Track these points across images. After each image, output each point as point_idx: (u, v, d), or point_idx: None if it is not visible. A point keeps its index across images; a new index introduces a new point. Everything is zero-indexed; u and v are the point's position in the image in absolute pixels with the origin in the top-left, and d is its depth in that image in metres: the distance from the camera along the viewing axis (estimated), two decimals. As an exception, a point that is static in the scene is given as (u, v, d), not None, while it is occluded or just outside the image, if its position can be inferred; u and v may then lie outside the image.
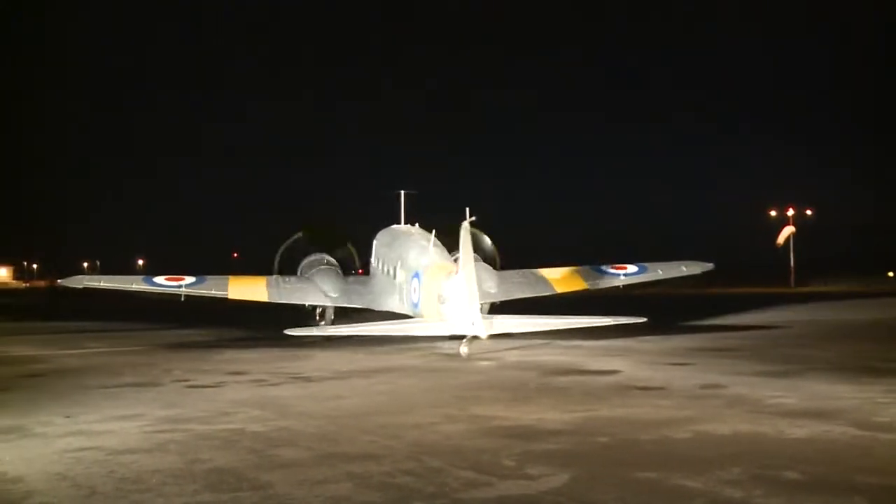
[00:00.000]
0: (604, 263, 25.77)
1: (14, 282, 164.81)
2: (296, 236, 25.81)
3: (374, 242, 24.98)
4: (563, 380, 14.89)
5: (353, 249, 26.08)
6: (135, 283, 22.99)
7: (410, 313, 20.96)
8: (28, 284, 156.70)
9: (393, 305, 22.31)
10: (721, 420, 10.61)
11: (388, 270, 22.81)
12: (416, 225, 24.75)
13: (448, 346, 21.57)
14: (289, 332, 19.08)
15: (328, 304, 24.10)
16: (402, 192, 25.22)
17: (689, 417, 10.83)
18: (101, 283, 23.26)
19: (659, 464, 8.30)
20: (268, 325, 26.33)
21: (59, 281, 23.30)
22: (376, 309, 23.38)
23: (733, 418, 10.73)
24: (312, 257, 25.29)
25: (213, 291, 22.83)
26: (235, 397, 12.99)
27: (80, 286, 22.91)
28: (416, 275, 20.46)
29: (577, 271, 24.82)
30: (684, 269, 27.38)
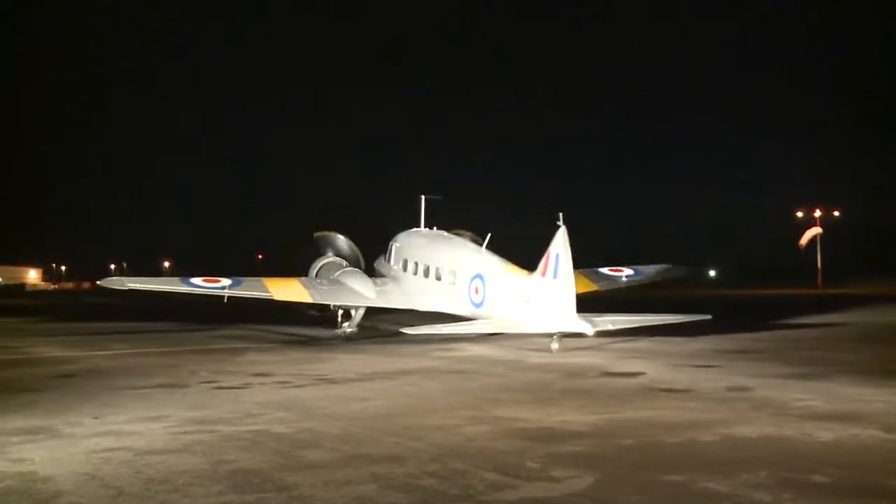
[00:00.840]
0: (601, 266, 26.34)
1: (43, 283, 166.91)
2: (317, 237, 26.21)
3: (396, 245, 25.20)
4: (587, 382, 14.83)
5: (358, 251, 26.35)
6: (175, 285, 23.27)
7: (468, 313, 21.77)
8: (56, 286, 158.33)
9: (438, 306, 23.04)
10: (748, 423, 10.52)
11: (427, 272, 23.54)
12: (435, 228, 25.05)
13: (472, 349, 21.58)
14: (405, 330, 20.24)
15: (365, 304, 24.49)
16: (424, 196, 25.68)
17: (715, 420, 10.74)
18: (144, 285, 23.61)
19: (684, 467, 8.23)
20: (285, 327, 26.50)
21: (99, 282, 23.78)
22: (420, 309, 23.91)
23: (760, 421, 10.63)
24: (327, 260, 25.60)
25: (255, 293, 23.28)
26: (261, 399, 13.05)
27: (124, 287, 23.11)
28: (479, 276, 21.40)
29: (583, 273, 25.03)
30: (674, 271, 27.99)
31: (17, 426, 10.74)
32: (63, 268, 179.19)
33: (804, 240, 79.13)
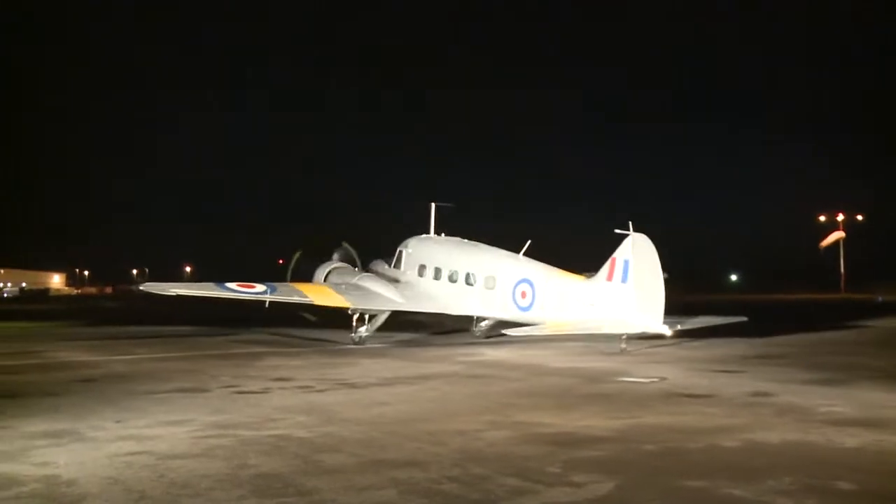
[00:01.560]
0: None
1: (66, 288, 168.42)
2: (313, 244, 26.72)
3: (408, 251, 25.58)
4: (608, 386, 14.77)
5: (356, 256, 26.89)
6: (214, 291, 23.37)
7: (511, 317, 22.64)
8: (79, 291, 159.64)
9: (472, 310, 24.06)
10: (771, 428, 10.43)
11: (452, 276, 24.26)
12: (443, 234, 25.96)
13: (492, 354, 21.56)
14: (508, 332, 21.03)
15: (397, 308, 24.90)
16: (434, 204, 26.15)
17: (737, 425, 10.66)
18: (186, 291, 23.80)
19: (707, 472, 8.17)
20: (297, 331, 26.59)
21: (140, 286, 24.26)
22: (452, 313, 24.56)
23: (783, 427, 10.54)
24: (335, 265, 25.78)
25: (295, 298, 23.75)
26: (282, 403, 13.09)
27: (169, 293, 23.31)
28: (525, 281, 22.29)
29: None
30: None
31: (41, 430, 10.83)
32: (86, 273, 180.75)
33: (826, 242, 78.47)
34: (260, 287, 23.26)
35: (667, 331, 19.84)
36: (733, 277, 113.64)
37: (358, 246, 27.28)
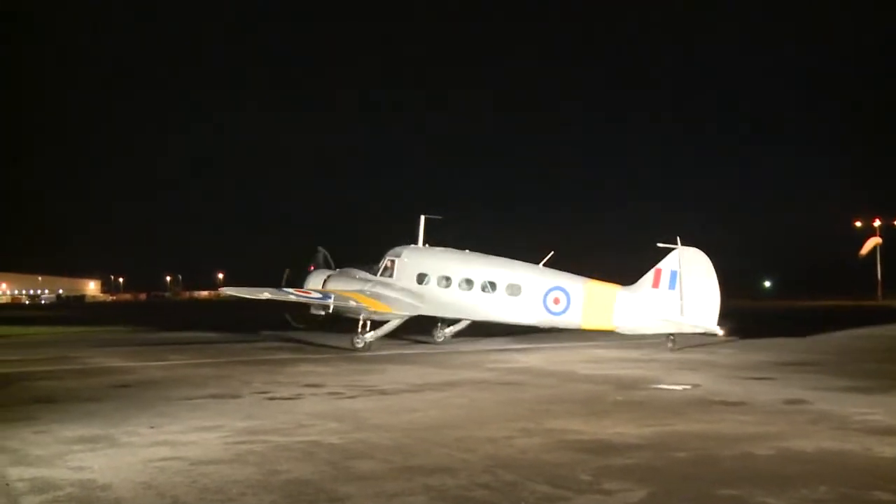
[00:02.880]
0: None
1: (102, 294, 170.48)
2: (317, 254, 26.86)
3: (404, 260, 25.89)
4: (639, 393, 14.66)
5: (331, 260, 27.21)
6: (284, 296, 24.23)
7: (541, 321, 24.27)
8: (115, 297, 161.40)
9: (496, 315, 24.91)
10: (805, 436, 10.29)
11: (466, 284, 25.10)
12: (427, 245, 26.56)
13: (523, 360, 21.52)
14: (619, 330, 23.43)
15: (418, 314, 25.30)
16: (424, 216, 26.57)
17: (771, 433, 10.53)
18: (267, 294, 24.27)
19: (740, 481, 8.08)
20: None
21: (222, 290, 24.91)
22: (476, 319, 25.67)
23: (818, 435, 10.39)
24: (330, 272, 25.88)
25: (351, 304, 24.52)
26: (313, 409, 13.15)
27: (258, 297, 24.20)
28: (559, 289, 24.02)
29: None
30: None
31: (77, 435, 10.97)
32: (121, 280, 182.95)
33: (864, 250, 77.34)
34: (317, 294, 24.89)
35: (720, 331, 22.50)
36: (767, 284, 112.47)
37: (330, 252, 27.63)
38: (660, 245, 23.14)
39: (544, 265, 25.12)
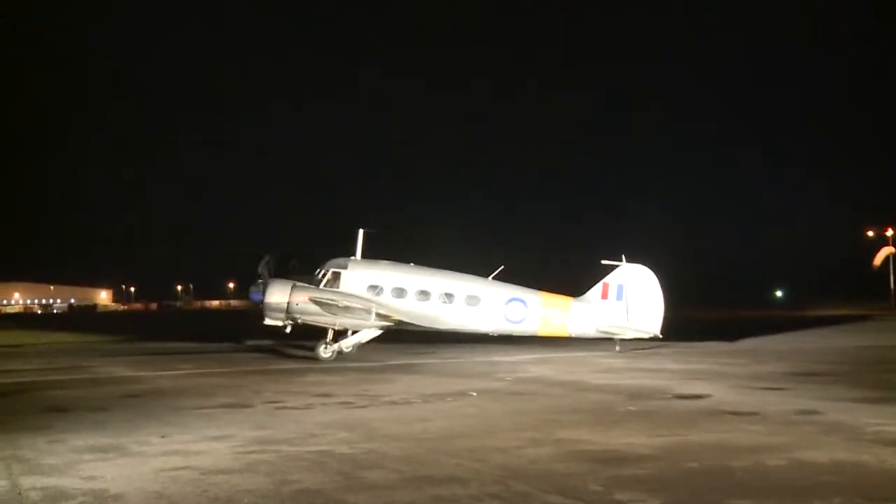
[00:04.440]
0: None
1: (113, 304, 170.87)
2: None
3: (348, 273, 25.84)
4: (650, 404, 14.61)
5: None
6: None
7: (501, 329, 26.08)
8: (126, 307, 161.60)
9: (456, 324, 26.11)
10: (818, 447, 10.23)
11: (422, 295, 25.84)
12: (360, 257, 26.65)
13: (533, 370, 21.48)
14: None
15: (399, 324, 25.57)
16: (362, 230, 26.87)
17: (784, 444, 10.47)
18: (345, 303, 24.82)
19: (752, 491, 8.03)
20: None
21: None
22: (436, 328, 26.17)
23: (831, 446, 10.33)
24: (294, 281, 25.58)
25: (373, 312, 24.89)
26: (323, 419, 13.15)
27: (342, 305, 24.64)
28: (517, 300, 26.10)
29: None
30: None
31: (89, 444, 11.01)
32: (132, 289, 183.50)
33: (878, 260, 76.93)
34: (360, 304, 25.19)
35: (659, 333, 26.47)
36: (778, 293, 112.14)
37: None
38: (604, 262, 26.94)
39: (493, 278, 27.00)
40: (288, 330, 25.50)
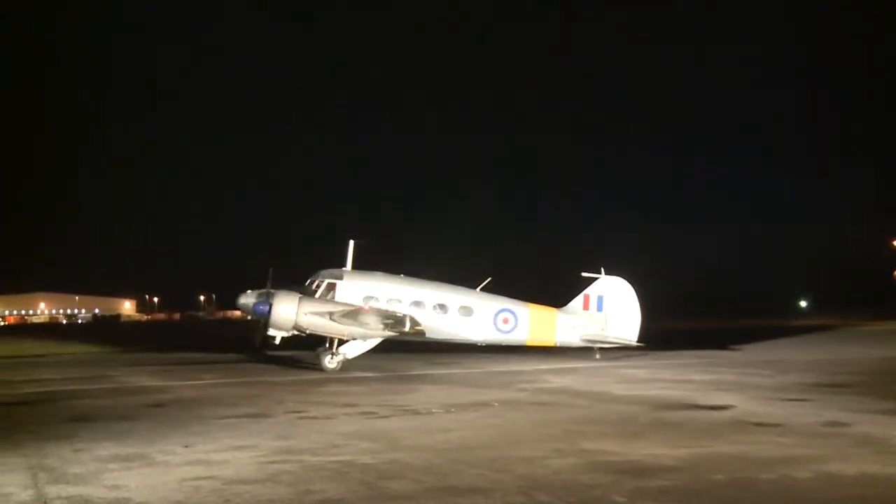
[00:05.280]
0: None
1: (137, 314, 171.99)
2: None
3: (347, 283, 25.91)
4: (674, 415, 14.48)
5: None
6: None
7: (492, 339, 27.32)
8: (150, 317, 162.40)
9: (449, 333, 26.83)
10: (846, 460, 10.08)
11: (417, 306, 26.19)
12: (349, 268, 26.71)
13: (556, 380, 21.38)
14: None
15: (402, 335, 25.64)
16: (353, 241, 27.08)
17: (811, 456, 10.34)
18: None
19: (780, 504, 7.93)
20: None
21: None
22: (431, 337, 26.49)
23: (860, 458, 10.17)
24: (298, 295, 25.48)
25: (407, 325, 25.18)
26: (346, 429, 13.14)
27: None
28: (507, 310, 27.51)
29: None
30: None
31: (113, 453, 11.06)
32: (156, 299, 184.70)
33: None
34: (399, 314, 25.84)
35: (637, 342, 28.63)
36: (802, 303, 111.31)
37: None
38: (584, 274, 29.08)
39: (481, 290, 28.03)
40: (277, 341, 25.28)
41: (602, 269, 29.08)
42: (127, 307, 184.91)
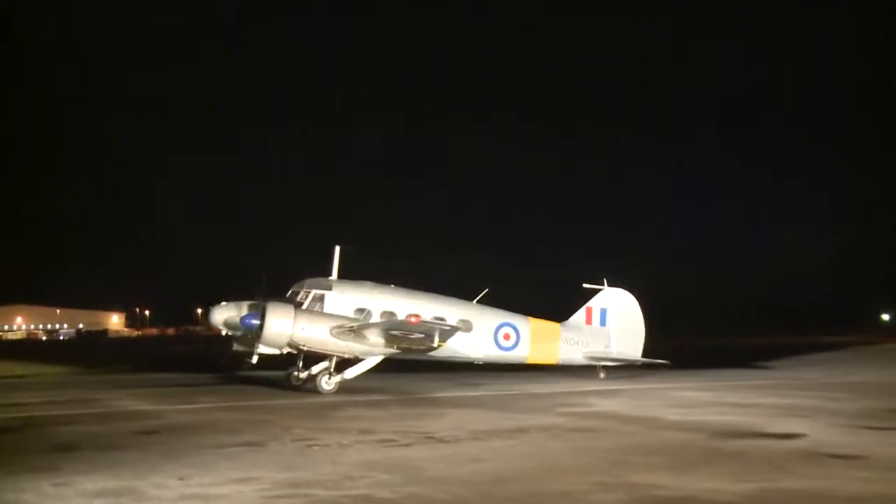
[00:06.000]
0: None
1: (126, 329, 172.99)
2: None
3: (336, 294, 26.25)
4: (736, 443, 14.40)
5: None
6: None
7: (492, 355, 27.73)
8: (140, 332, 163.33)
9: (448, 350, 26.50)
10: (935, 496, 9.99)
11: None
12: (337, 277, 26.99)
13: (600, 404, 21.32)
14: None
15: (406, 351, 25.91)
16: (339, 246, 27.40)
17: (894, 494, 10.24)
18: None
19: (858, 547, 7.87)
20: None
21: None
22: (432, 356, 26.51)
23: (951, 494, 10.07)
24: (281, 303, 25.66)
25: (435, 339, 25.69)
26: (361, 459, 13.20)
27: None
28: (508, 325, 28.08)
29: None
30: None
31: (100, 487, 11.18)
32: (147, 312, 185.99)
33: None
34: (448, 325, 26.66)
35: (639, 360, 29.73)
36: (885, 317, 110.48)
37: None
38: (586, 286, 30.02)
39: (477, 302, 28.52)
40: (255, 360, 25.37)
41: (605, 280, 30.05)
42: (115, 321, 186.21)
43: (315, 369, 26.33)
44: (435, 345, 24.79)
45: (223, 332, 26.35)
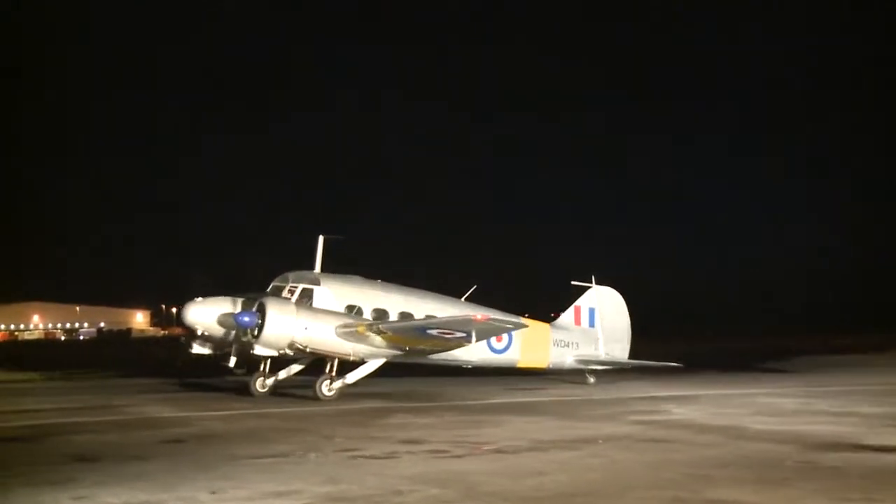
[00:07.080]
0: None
1: (151, 328, 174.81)
2: None
3: (326, 290, 26.24)
4: (833, 457, 14.19)
5: None
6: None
7: (484, 358, 28.09)
8: (166, 332, 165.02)
9: (445, 353, 26.91)
10: None
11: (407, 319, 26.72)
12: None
13: (676, 411, 21.18)
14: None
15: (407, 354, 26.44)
16: (322, 237, 27.35)
17: None
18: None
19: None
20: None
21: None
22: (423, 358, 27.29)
23: None
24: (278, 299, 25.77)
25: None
26: (411, 472, 13.21)
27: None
28: None
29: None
30: None
31: (124, 501, 11.29)
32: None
33: None
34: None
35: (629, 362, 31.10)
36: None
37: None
38: (574, 283, 31.28)
39: (466, 299, 29.12)
40: (232, 363, 25.68)
41: (593, 278, 31.29)
42: (139, 320, 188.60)
43: (282, 374, 26.74)
44: (471, 344, 25.14)
45: (199, 332, 25.59)
